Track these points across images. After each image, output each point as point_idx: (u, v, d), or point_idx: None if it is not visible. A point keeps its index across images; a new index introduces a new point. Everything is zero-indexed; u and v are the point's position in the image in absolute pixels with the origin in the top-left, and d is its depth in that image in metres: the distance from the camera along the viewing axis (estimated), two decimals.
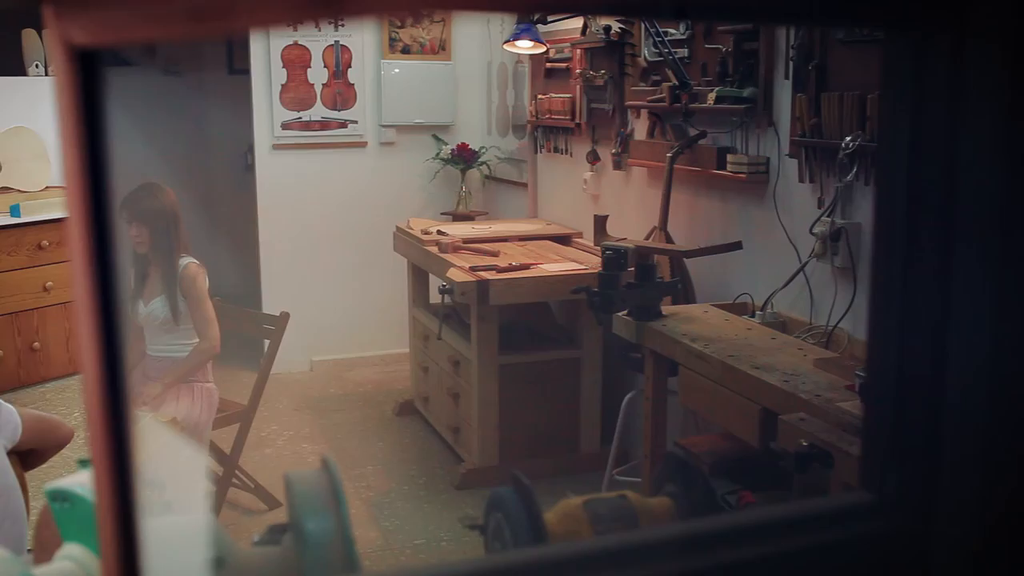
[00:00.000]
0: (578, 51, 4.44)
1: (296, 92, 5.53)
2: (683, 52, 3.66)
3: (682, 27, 3.67)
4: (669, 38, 3.67)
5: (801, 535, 0.90)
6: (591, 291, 3.17)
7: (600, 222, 3.68)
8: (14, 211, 5.50)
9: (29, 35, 6.13)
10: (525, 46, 4.31)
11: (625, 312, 3.21)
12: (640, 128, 4.10)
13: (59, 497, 0.99)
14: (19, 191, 5.80)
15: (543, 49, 4.43)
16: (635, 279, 3.17)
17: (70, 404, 5.23)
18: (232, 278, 6.46)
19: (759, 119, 3.31)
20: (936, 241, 0.77)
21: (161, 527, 0.84)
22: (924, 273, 0.78)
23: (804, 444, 2.14)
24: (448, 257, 4.15)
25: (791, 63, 3.13)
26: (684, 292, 3.57)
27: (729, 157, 3.43)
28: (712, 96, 3.43)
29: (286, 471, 1.03)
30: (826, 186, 3.03)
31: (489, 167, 5.65)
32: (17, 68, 6.17)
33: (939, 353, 0.81)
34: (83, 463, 1.04)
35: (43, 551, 1.02)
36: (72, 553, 0.98)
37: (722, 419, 2.80)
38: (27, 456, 2.23)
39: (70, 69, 0.51)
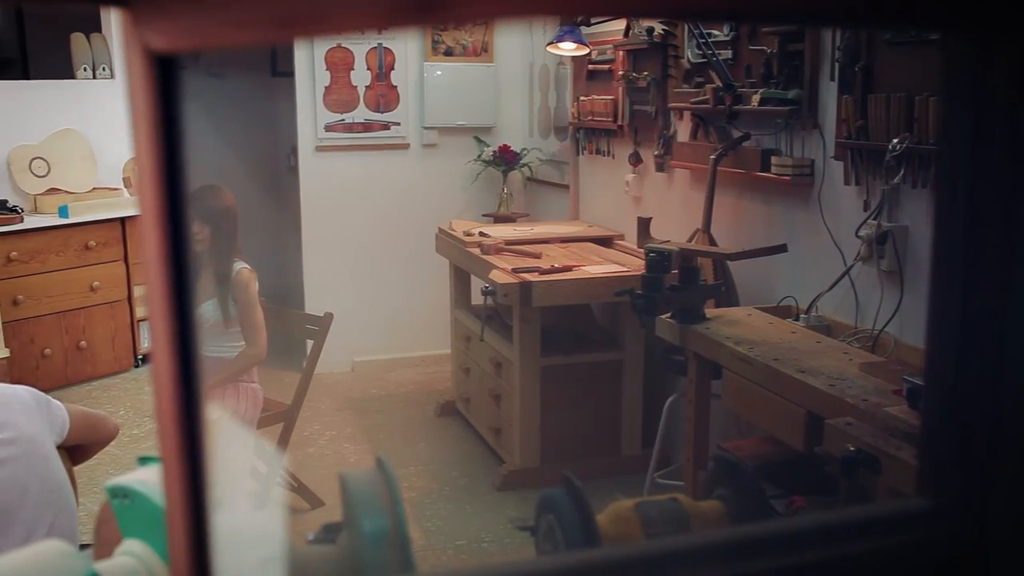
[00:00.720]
0: (620, 53, 4.43)
1: (339, 94, 5.57)
2: (727, 53, 3.64)
3: (726, 28, 3.66)
4: (713, 39, 3.66)
5: (857, 541, 0.89)
6: (634, 293, 3.17)
7: (644, 224, 3.68)
8: (62, 212, 5.59)
9: (78, 39, 6.22)
10: (568, 48, 4.31)
11: (668, 315, 3.20)
12: (683, 130, 4.09)
13: (120, 494, 1.01)
14: (67, 192, 5.89)
15: (586, 51, 4.43)
16: (679, 281, 3.16)
17: (115, 402, 5.30)
18: (274, 279, 6.52)
19: (804, 121, 3.29)
20: (996, 246, 0.76)
21: (218, 524, 0.85)
22: (984, 278, 0.78)
23: (851, 449, 2.12)
24: (490, 259, 4.16)
25: (837, 64, 3.11)
26: (727, 295, 3.55)
27: (773, 159, 3.41)
28: (756, 98, 3.41)
29: (340, 470, 1.04)
30: (872, 189, 3.01)
31: (530, 169, 5.66)
32: (66, 71, 6.27)
33: (998, 359, 0.80)
34: (143, 460, 1.05)
35: (103, 547, 1.04)
36: (132, 549, 1.00)
37: (766, 423, 2.79)
38: (74, 451, 2.26)
39: (148, 74, 0.52)
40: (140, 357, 5.97)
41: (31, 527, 1.93)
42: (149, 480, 1.01)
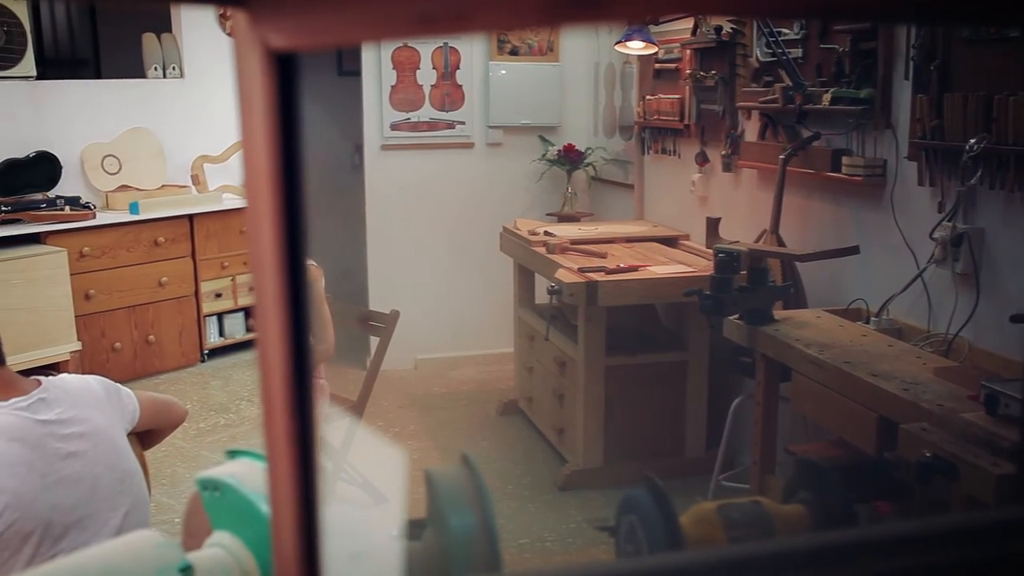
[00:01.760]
0: (688, 51, 4.40)
1: (405, 93, 5.61)
2: (797, 52, 3.60)
3: (796, 27, 3.62)
4: (783, 38, 3.62)
5: (951, 550, 0.88)
6: (703, 294, 3.14)
7: (712, 224, 3.65)
8: (133, 208, 5.69)
9: (149, 39, 6.33)
10: (636, 47, 4.29)
11: (736, 316, 3.18)
12: (751, 129, 4.05)
13: (210, 486, 1.02)
14: (137, 189, 6.00)
15: (654, 50, 4.41)
16: (747, 282, 3.14)
17: (182, 396, 5.38)
18: (339, 276, 6.58)
19: (876, 121, 3.24)
20: None
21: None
22: None
23: (927, 455, 2.09)
24: (556, 258, 4.16)
25: (911, 63, 3.06)
26: (795, 296, 3.52)
27: (844, 159, 3.37)
28: (827, 97, 3.37)
29: (427, 467, 1.05)
30: (947, 190, 2.95)
31: (595, 168, 5.64)
32: (137, 71, 6.39)
33: None
34: (232, 454, 1.07)
35: (191, 538, 1.06)
36: (222, 541, 1.02)
37: (836, 426, 2.75)
38: (144, 436, 2.30)
39: (267, 73, 0.52)
40: (206, 352, 6.06)
41: (105, 518, 1.96)
42: (239, 473, 1.02)
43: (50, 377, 2.03)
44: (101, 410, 2.04)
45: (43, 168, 5.64)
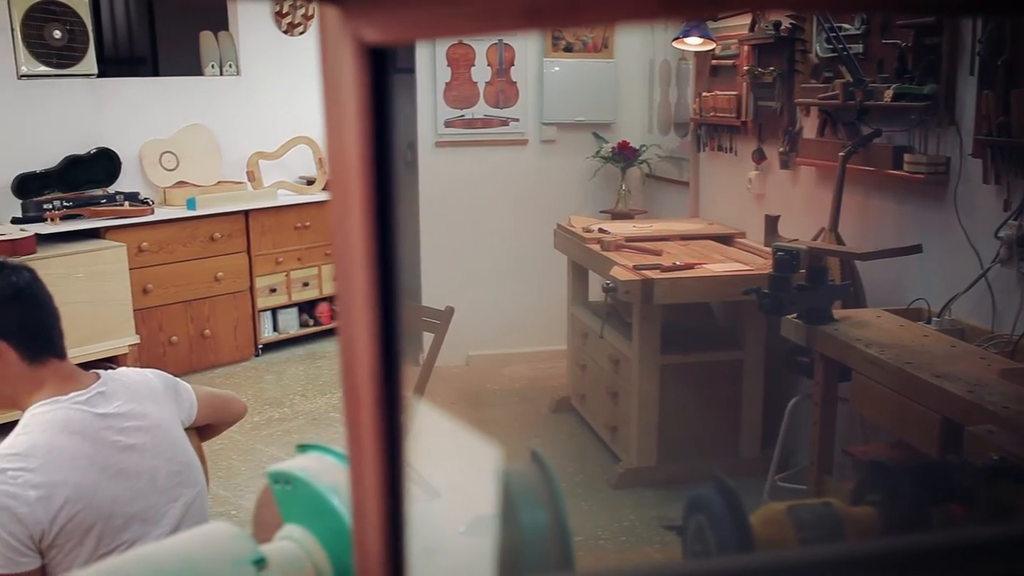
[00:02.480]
0: (745, 48, 4.36)
1: (460, 90, 5.62)
2: (858, 48, 3.55)
3: (857, 22, 3.56)
4: (843, 33, 3.57)
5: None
6: (761, 292, 3.11)
7: (771, 222, 3.61)
8: (190, 204, 5.77)
9: (206, 37, 6.41)
10: (694, 43, 4.26)
11: (794, 315, 3.14)
12: (809, 126, 4.00)
13: (281, 479, 1.03)
14: (194, 185, 6.07)
15: (712, 46, 4.37)
16: (806, 281, 3.10)
17: (237, 390, 5.44)
18: None
19: (939, 117, 3.19)
20: None
21: None
22: None
23: (995, 457, 2.05)
24: (611, 255, 4.14)
25: (977, 58, 3.00)
26: (855, 296, 3.47)
27: (906, 157, 3.31)
28: (889, 93, 3.31)
29: (496, 464, 1.04)
30: (1013, 188, 2.89)
31: (649, 165, 5.61)
32: (194, 68, 6.47)
33: None
34: (303, 448, 1.07)
35: (262, 530, 1.06)
36: (293, 534, 1.02)
37: (898, 427, 2.71)
38: (203, 430, 2.31)
39: (361, 67, 0.52)
40: (260, 347, 6.12)
41: (164, 510, 1.98)
42: (310, 467, 1.03)
43: (108, 371, 2.05)
44: (159, 403, 2.05)
45: (103, 164, 5.73)
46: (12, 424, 1.96)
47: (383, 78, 0.53)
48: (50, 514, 1.79)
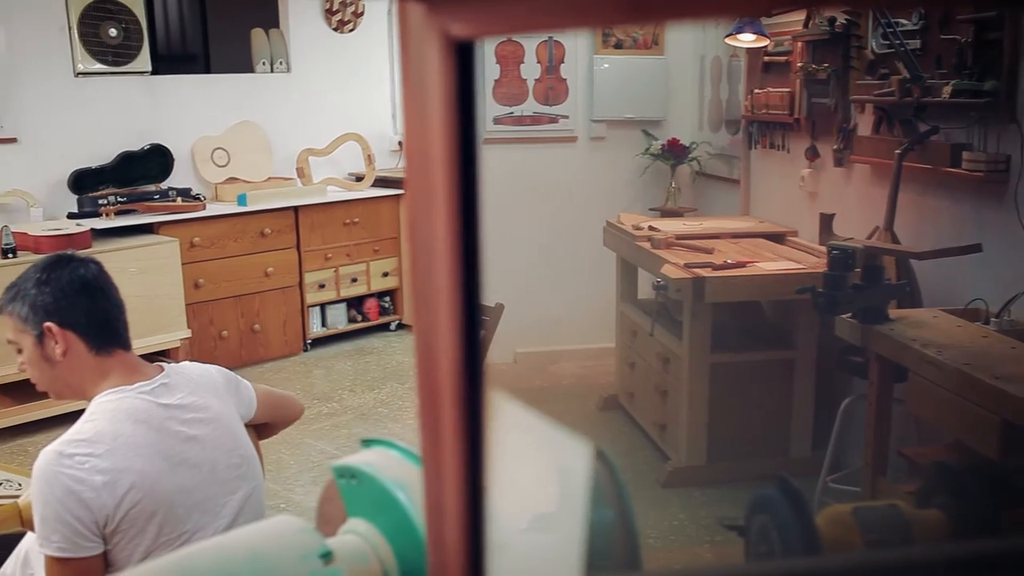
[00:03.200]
0: (799, 44, 4.31)
1: (509, 87, 5.62)
2: (915, 43, 3.50)
3: (915, 17, 3.51)
4: (900, 28, 3.52)
5: None
6: (816, 291, 3.08)
7: (826, 220, 3.57)
8: (240, 200, 5.82)
9: (257, 34, 6.47)
10: (748, 39, 4.22)
11: (849, 314, 3.10)
12: (864, 123, 3.95)
13: (346, 474, 1.03)
14: (245, 181, 6.13)
15: (766, 42, 4.33)
16: (862, 280, 3.06)
17: (286, 384, 5.49)
18: None
19: (1000, 114, 3.13)
20: None
21: None
22: None
23: None
24: (661, 253, 4.12)
25: None
26: (911, 295, 3.42)
27: (964, 154, 3.25)
28: (948, 89, 3.26)
29: (558, 462, 1.04)
30: None
31: (699, 163, 5.57)
32: (245, 65, 6.53)
33: None
34: (367, 443, 1.08)
35: (326, 524, 1.07)
36: (357, 528, 1.02)
37: (956, 430, 2.67)
38: (260, 428, 2.34)
39: (447, 61, 0.52)
40: (308, 342, 6.17)
41: (223, 501, 2.01)
42: (375, 462, 1.03)
43: (172, 364, 2.09)
44: (220, 397, 2.08)
45: (157, 160, 5.81)
46: (78, 413, 1.99)
47: (468, 72, 0.52)
48: (115, 499, 1.82)
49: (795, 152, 4.55)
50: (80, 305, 1.94)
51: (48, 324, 1.92)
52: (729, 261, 3.91)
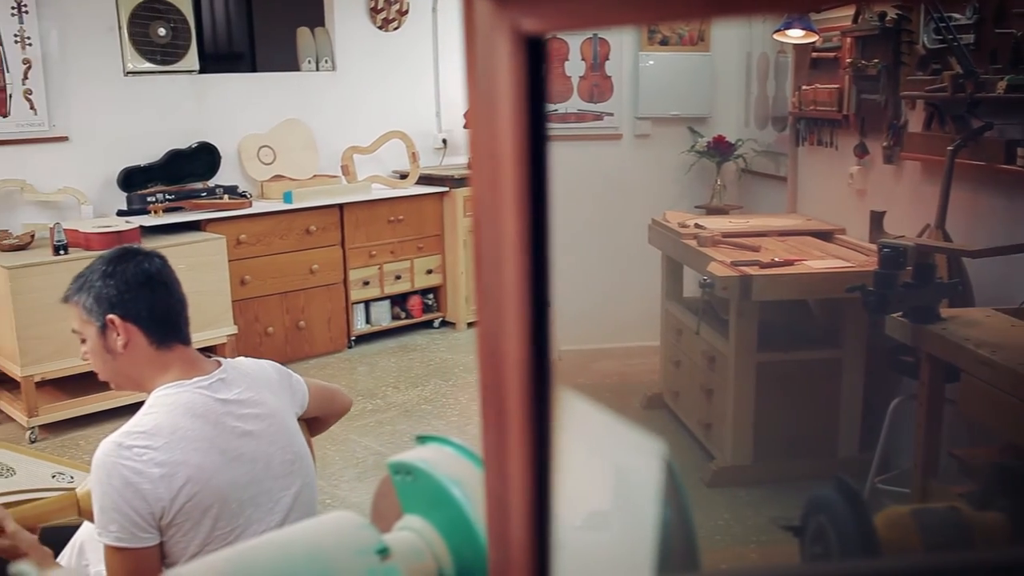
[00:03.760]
0: (848, 40, 4.26)
1: (553, 85, 5.61)
2: (968, 38, 3.44)
3: (969, 11, 3.45)
4: (953, 23, 3.46)
5: None
6: (866, 290, 3.04)
7: (876, 218, 3.53)
8: (286, 198, 5.86)
9: (303, 33, 6.51)
10: (796, 35, 4.18)
11: (900, 313, 3.06)
12: (915, 120, 3.89)
13: (402, 470, 1.03)
14: (290, 179, 6.18)
15: (815, 38, 4.28)
16: (913, 279, 3.02)
17: (330, 380, 5.48)
18: None
19: None
20: None
21: None
22: None
23: None
24: (707, 251, 4.09)
25: None
26: (963, 294, 3.36)
27: (1019, 151, 3.19)
28: (1003, 85, 3.20)
29: (614, 459, 1.03)
30: None
31: (745, 160, 5.53)
32: (291, 64, 6.58)
33: None
34: (422, 439, 1.08)
35: (381, 520, 1.07)
36: (413, 524, 1.02)
37: (1011, 431, 2.62)
38: (312, 423, 2.36)
39: (517, 56, 0.51)
40: (353, 338, 6.20)
41: (277, 496, 2.03)
42: (431, 459, 1.03)
43: (228, 359, 2.11)
44: (275, 393, 2.10)
45: (204, 158, 5.87)
46: (128, 407, 2.02)
47: (539, 68, 0.52)
48: (172, 492, 1.84)
49: (843, 149, 4.49)
50: (143, 299, 1.97)
51: (111, 316, 1.95)
52: (776, 259, 3.88)
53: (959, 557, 0.88)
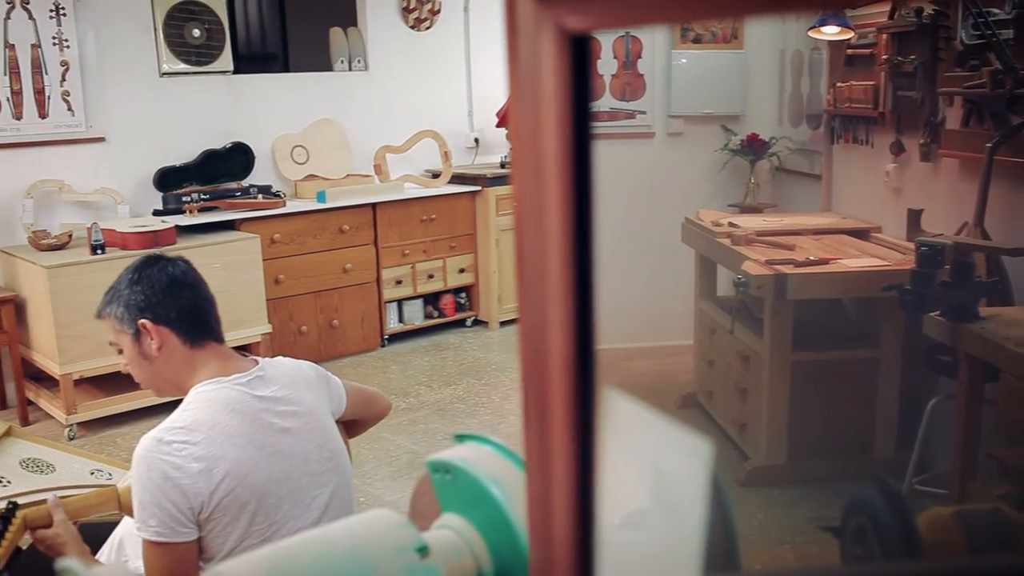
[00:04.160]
0: (884, 36, 4.22)
1: None
2: (1008, 33, 3.40)
3: (1008, 6, 3.41)
4: (992, 18, 3.42)
5: None
6: (903, 289, 3.01)
7: (914, 216, 3.49)
8: (320, 197, 5.90)
9: (336, 33, 6.54)
10: (831, 32, 4.15)
11: (938, 312, 3.03)
12: (953, 117, 3.84)
13: (440, 468, 1.03)
14: (324, 179, 6.21)
15: (850, 35, 4.24)
16: (951, 277, 2.99)
17: (363, 380, 5.53)
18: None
19: None
20: None
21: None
22: None
23: None
24: (742, 250, 4.07)
25: None
26: (1002, 293, 3.32)
27: None
28: None
29: (654, 457, 1.02)
30: None
31: (779, 158, 5.49)
32: (324, 64, 6.62)
33: None
34: (460, 438, 1.08)
35: (419, 518, 1.07)
36: (451, 523, 1.03)
37: None
38: (349, 425, 2.38)
39: (561, 55, 0.51)
40: (385, 337, 6.22)
41: (314, 494, 2.04)
42: (470, 457, 1.03)
43: (266, 358, 2.14)
44: (312, 392, 2.12)
45: (238, 158, 5.91)
46: (165, 404, 2.05)
47: (584, 67, 0.52)
48: (210, 487, 1.86)
49: (879, 147, 4.45)
50: (171, 301, 2.00)
51: (142, 321, 1.99)
52: (812, 258, 3.85)
53: (1005, 559, 0.87)
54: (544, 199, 0.54)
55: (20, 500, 2.06)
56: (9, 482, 2.36)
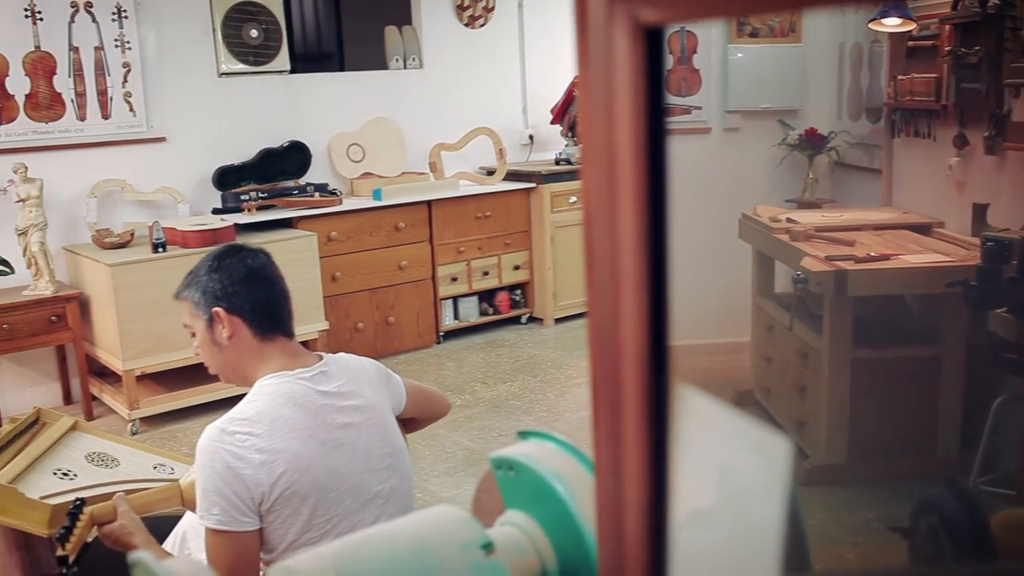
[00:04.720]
0: (947, 27, 4.14)
1: None
2: None
3: None
4: None
5: None
6: (968, 285, 2.96)
7: (979, 211, 3.43)
8: (375, 195, 5.93)
9: (391, 32, 6.57)
10: (893, 23, 4.08)
11: (1004, 309, 2.97)
12: (1019, 109, 3.76)
13: (504, 465, 1.03)
14: (379, 176, 6.24)
15: (912, 26, 4.17)
16: (1017, 273, 2.92)
17: (419, 376, 5.56)
18: None
19: None
20: None
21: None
22: None
23: None
24: (800, 245, 4.02)
25: None
26: None
27: None
28: None
29: (719, 457, 1.01)
30: None
31: (838, 153, 5.42)
32: (379, 62, 6.65)
33: None
34: (523, 435, 1.08)
35: (483, 515, 1.07)
36: (515, 520, 1.02)
37: None
38: (408, 423, 2.39)
39: (636, 48, 0.51)
40: (441, 334, 6.24)
41: (375, 490, 2.05)
42: (533, 454, 1.03)
43: (330, 354, 2.16)
44: (374, 388, 2.14)
45: (295, 157, 5.97)
46: (226, 400, 2.08)
47: (658, 60, 0.51)
48: (271, 479, 1.88)
49: (942, 140, 4.37)
50: (246, 292, 2.03)
51: (216, 309, 2.02)
52: (872, 254, 3.79)
53: None
54: (617, 194, 0.54)
55: (86, 495, 2.10)
56: (75, 475, 2.41)
